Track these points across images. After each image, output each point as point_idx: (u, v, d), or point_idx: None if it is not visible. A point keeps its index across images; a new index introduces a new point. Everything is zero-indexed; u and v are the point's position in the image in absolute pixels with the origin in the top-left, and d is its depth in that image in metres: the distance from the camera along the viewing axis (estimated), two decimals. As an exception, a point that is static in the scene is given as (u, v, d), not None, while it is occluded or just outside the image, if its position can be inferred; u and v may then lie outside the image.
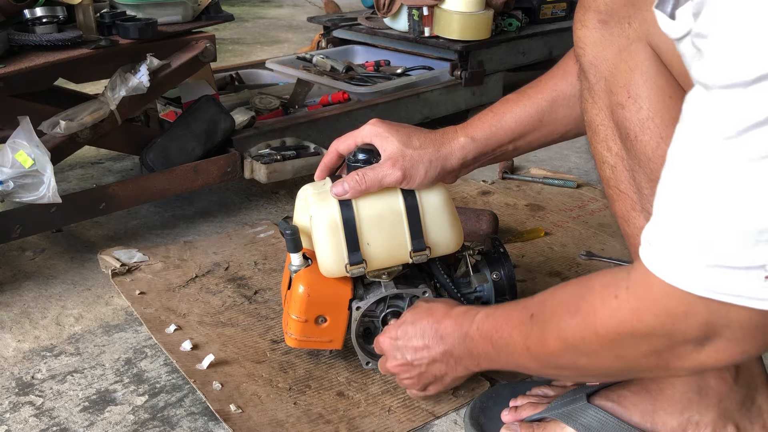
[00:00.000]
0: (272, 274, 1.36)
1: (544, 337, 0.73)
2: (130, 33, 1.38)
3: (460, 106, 2.06)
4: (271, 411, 1.01)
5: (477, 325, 0.85)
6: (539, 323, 0.75)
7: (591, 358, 0.69)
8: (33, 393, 1.05)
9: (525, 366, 0.80)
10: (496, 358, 0.83)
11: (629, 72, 0.73)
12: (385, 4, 2.09)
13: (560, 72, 0.96)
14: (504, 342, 0.80)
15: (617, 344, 0.65)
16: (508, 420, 0.94)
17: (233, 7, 4.21)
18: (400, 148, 0.95)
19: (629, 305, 0.62)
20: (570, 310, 0.70)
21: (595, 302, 0.66)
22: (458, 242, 1.02)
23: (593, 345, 0.67)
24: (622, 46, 0.74)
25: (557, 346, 0.72)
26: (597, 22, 0.75)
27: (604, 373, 0.73)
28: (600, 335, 0.66)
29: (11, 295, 1.30)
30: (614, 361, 0.67)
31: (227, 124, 1.54)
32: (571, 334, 0.70)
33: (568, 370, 0.75)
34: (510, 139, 0.97)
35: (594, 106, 0.79)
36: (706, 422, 0.82)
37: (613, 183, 0.80)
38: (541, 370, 0.80)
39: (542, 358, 0.75)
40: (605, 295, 0.65)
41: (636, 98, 0.73)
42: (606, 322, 0.65)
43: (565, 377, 0.81)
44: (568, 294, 0.73)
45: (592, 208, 1.65)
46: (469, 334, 0.86)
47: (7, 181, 1.21)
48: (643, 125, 0.73)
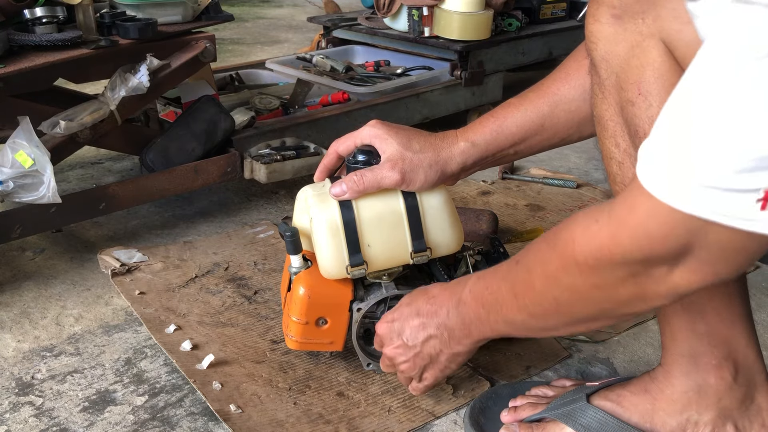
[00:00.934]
0: (272, 274, 1.36)
1: (530, 279, 0.73)
2: (130, 33, 1.38)
3: (460, 106, 2.06)
4: (271, 411, 1.01)
5: (469, 289, 0.84)
6: (524, 265, 0.75)
7: (572, 293, 0.69)
8: (33, 393, 1.05)
9: (513, 320, 0.78)
10: (486, 319, 0.81)
11: (641, 68, 0.73)
12: (385, 4, 2.09)
13: (562, 75, 0.95)
14: (493, 297, 0.79)
15: (595, 271, 0.65)
16: (507, 420, 0.94)
17: (233, 7, 4.21)
18: (400, 150, 0.94)
19: (608, 229, 0.62)
20: (551, 243, 0.70)
21: (576, 230, 0.66)
22: (459, 243, 1.02)
23: (573, 275, 0.67)
24: (634, 42, 0.73)
25: (541, 284, 0.71)
26: (610, 17, 0.75)
27: (586, 313, 0.70)
28: (579, 263, 0.65)
29: (11, 295, 1.30)
30: (593, 292, 0.67)
31: (227, 124, 1.54)
32: (553, 267, 0.69)
33: (552, 314, 0.73)
34: (511, 143, 0.97)
35: (604, 101, 0.79)
36: (705, 421, 0.82)
37: (619, 179, 0.80)
38: (528, 322, 0.77)
39: (528, 304, 0.74)
40: (586, 223, 0.65)
41: (647, 95, 0.72)
42: (584, 249, 0.65)
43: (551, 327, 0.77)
44: (551, 231, 0.72)
45: (592, 209, 1.65)
46: (462, 299, 0.85)
47: (7, 181, 1.21)
48: (653, 122, 0.71)
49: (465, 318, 0.85)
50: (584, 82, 0.93)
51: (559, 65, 0.98)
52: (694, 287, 0.61)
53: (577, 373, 1.11)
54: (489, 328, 0.82)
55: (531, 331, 0.80)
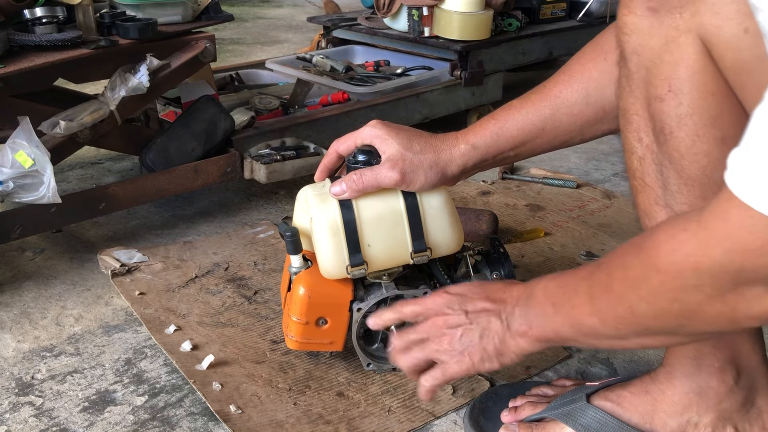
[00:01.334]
0: (272, 275, 1.36)
1: (609, 282, 0.68)
2: (130, 33, 1.38)
3: (460, 106, 2.06)
4: (271, 411, 1.01)
5: (544, 284, 0.78)
6: (606, 268, 0.70)
7: (649, 303, 0.64)
8: (33, 393, 1.05)
9: (581, 323, 0.72)
10: (551, 319, 0.75)
11: (674, 65, 0.71)
12: (384, 4, 2.09)
13: (565, 77, 0.94)
14: (567, 297, 0.74)
15: (678, 282, 0.60)
16: (507, 420, 0.94)
17: (233, 7, 4.21)
18: (400, 151, 0.94)
19: (697, 238, 0.57)
20: (636, 248, 0.65)
21: (662, 237, 0.61)
22: (459, 243, 1.02)
23: (653, 284, 0.62)
24: (670, 37, 0.71)
25: (619, 289, 0.66)
26: (646, 9, 0.73)
27: (662, 326, 0.66)
28: (661, 271, 0.61)
29: (11, 295, 1.30)
30: (673, 305, 0.61)
31: (227, 124, 1.54)
32: (633, 273, 0.64)
33: (625, 323, 0.68)
34: (511, 146, 0.96)
35: (631, 94, 0.77)
36: (706, 423, 0.82)
37: (639, 174, 0.79)
38: (598, 328, 0.71)
39: (603, 308, 0.69)
40: (673, 231, 0.60)
41: (677, 93, 0.71)
42: (668, 257, 0.60)
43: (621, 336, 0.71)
44: (638, 236, 0.67)
45: (592, 208, 1.66)
46: (533, 293, 0.79)
47: (7, 181, 1.21)
48: (680, 121, 0.71)
49: (530, 312, 0.79)
50: (588, 86, 0.92)
51: (562, 67, 0.97)
52: None
53: (577, 373, 1.11)
54: (551, 329, 0.76)
55: (597, 338, 0.73)
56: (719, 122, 0.71)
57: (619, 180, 1.84)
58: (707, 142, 0.72)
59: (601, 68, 0.92)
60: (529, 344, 0.79)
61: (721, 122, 0.71)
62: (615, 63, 0.92)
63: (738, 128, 0.72)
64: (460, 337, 0.84)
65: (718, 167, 0.72)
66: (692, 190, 0.74)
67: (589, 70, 0.92)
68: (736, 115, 0.71)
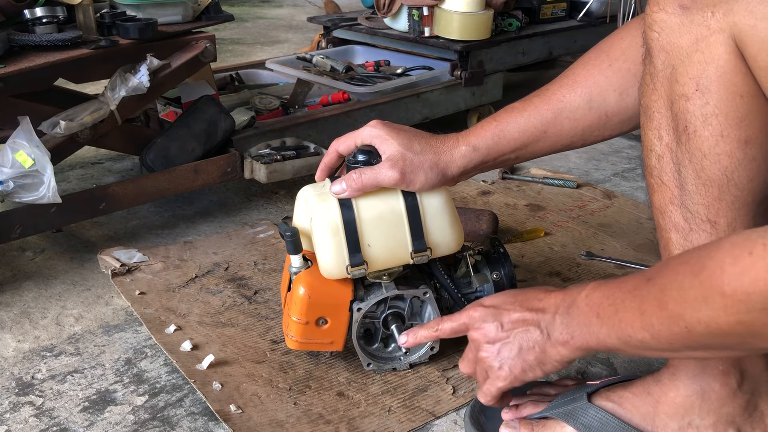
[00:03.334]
0: (272, 274, 1.36)
1: (662, 299, 0.66)
2: (130, 33, 1.38)
3: (460, 106, 2.06)
4: (271, 411, 1.01)
5: (586, 293, 0.76)
6: (658, 285, 0.67)
7: (709, 325, 0.62)
8: (33, 393, 1.05)
9: (630, 337, 0.71)
10: (597, 330, 0.74)
11: (703, 64, 0.70)
12: (385, 4, 2.09)
13: (569, 81, 0.94)
14: (613, 309, 0.72)
15: (744, 306, 0.58)
16: (508, 417, 0.94)
17: (233, 7, 4.21)
18: (401, 150, 0.94)
19: (765, 262, 0.56)
20: (694, 269, 0.63)
21: (725, 260, 0.59)
22: (459, 243, 1.02)
23: (716, 307, 0.60)
24: (700, 35, 0.70)
25: (675, 309, 0.65)
26: (677, 7, 0.72)
27: (721, 344, 0.65)
28: (726, 295, 0.59)
29: (11, 295, 1.30)
30: (735, 327, 0.60)
31: (227, 124, 1.54)
32: (692, 295, 0.63)
33: (680, 340, 0.67)
34: (512, 148, 0.96)
35: (654, 92, 0.77)
36: (707, 426, 0.82)
37: (656, 173, 0.78)
38: (648, 342, 0.70)
39: (655, 324, 0.67)
40: (737, 253, 0.58)
41: (704, 92, 0.71)
42: (734, 281, 0.58)
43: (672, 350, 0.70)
44: (693, 255, 0.65)
45: (592, 208, 1.66)
46: (576, 303, 0.77)
47: (7, 181, 1.21)
48: (705, 120, 0.71)
49: (572, 322, 0.77)
50: (591, 91, 0.92)
51: (565, 71, 0.96)
52: None
53: (577, 373, 1.11)
54: (596, 339, 0.75)
55: (647, 350, 0.72)
56: (744, 124, 0.71)
57: (619, 180, 1.84)
58: (731, 143, 0.72)
59: (605, 74, 0.92)
60: (571, 353, 0.79)
61: (747, 124, 0.71)
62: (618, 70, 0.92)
63: (763, 130, 0.72)
64: (498, 351, 0.84)
65: (739, 168, 0.72)
66: (710, 191, 0.74)
67: (593, 76, 0.92)
68: (763, 117, 0.71)
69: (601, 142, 0.97)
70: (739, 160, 0.72)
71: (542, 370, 0.82)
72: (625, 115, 0.93)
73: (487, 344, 0.85)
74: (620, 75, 0.91)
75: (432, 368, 1.10)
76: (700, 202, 0.75)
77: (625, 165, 1.94)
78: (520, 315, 0.83)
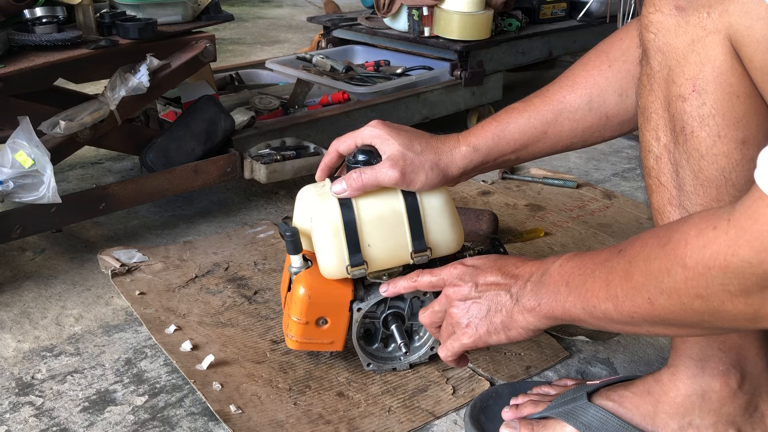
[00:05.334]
0: (272, 274, 1.36)
1: (629, 270, 0.67)
2: (130, 33, 1.38)
3: (460, 106, 2.06)
4: (271, 411, 1.01)
5: (560, 262, 0.78)
6: (627, 257, 0.69)
7: (671, 298, 0.63)
8: (33, 393, 1.05)
9: (594, 307, 0.72)
10: (564, 298, 0.75)
11: (699, 65, 0.71)
12: (385, 4, 2.09)
13: (569, 82, 0.94)
14: (582, 279, 0.73)
15: (703, 279, 0.59)
16: (508, 417, 0.94)
17: (233, 7, 4.21)
18: (401, 150, 0.94)
19: (727, 236, 0.56)
20: (661, 241, 0.64)
21: (690, 232, 0.60)
22: (459, 243, 1.02)
23: (677, 279, 0.61)
24: (696, 36, 0.71)
25: (640, 280, 0.66)
26: (673, 8, 0.72)
27: (680, 320, 0.65)
28: (687, 267, 0.60)
29: (11, 295, 1.30)
30: (695, 301, 0.61)
31: (227, 124, 1.54)
32: (656, 265, 0.64)
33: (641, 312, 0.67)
34: (512, 149, 0.96)
35: (651, 93, 0.77)
36: (707, 426, 0.82)
37: (654, 174, 0.79)
38: (611, 313, 0.70)
39: (620, 294, 0.68)
40: (702, 227, 0.59)
41: (701, 92, 0.71)
42: (696, 254, 0.59)
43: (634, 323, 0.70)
44: (663, 228, 0.66)
45: (592, 208, 1.66)
46: (548, 271, 0.79)
47: (7, 181, 1.21)
48: (702, 121, 0.71)
49: (542, 290, 0.79)
50: (591, 92, 0.92)
51: (565, 71, 0.96)
52: None
53: (577, 373, 1.11)
54: (561, 308, 0.76)
55: (608, 322, 0.73)
56: (742, 124, 0.71)
57: (619, 180, 1.84)
58: (728, 144, 0.72)
59: (605, 75, 0.92)
60: (536, 320, 0.80)
61: (744, 124, 0.71)
62: (618, 71, 0.92)
63: (760, 130, 0.72)
64: (467, 309, 0.87)
65: (737, 169, 0.72)
66: (708, 192, 0.74)
67: (593, 77, 0.92)
68: (760, 118, 0.71)
69: (602, 143, 0.97)
70: (737, 160, 0.72)
71: (506, 335, 0.84)
72: (625, 116, 0.93)
73: (459, 301, 0.87)
74: (620, 76, 0.91)
75: (432, 368, 1.10)
76: (698, 202, 0.75)
77: (625, 165, 1.94)
78: (495, 278, 0.85)
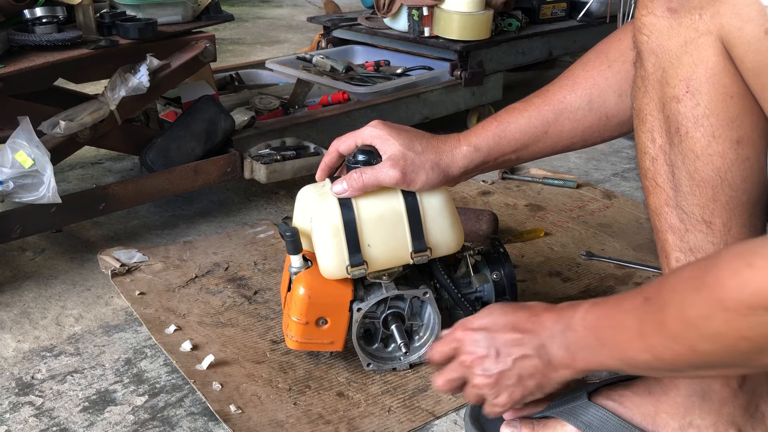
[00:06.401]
0: (272, 275, 1.36)
1: (662, 319, 0.64)
2: (130, 33, 1.38)
3: (460, 106, 2.06)
4: (271, 411, 1.01)
5: (581, 315, 0.75)
6: (656, 305, 0.66)
7: (714, 343, 0.60)
8: (33, 393, 1.05)
9: (633, 359, 0.70)
10: (598, 352, 0.73)
11: (693, 66, 0.71)
12: (385, 4, 2.09)
13: (569, 82, 0.94)
14: (613, 331, 0.71)
15: (747, 320, 0.57)
16: (509, 417, 0.94)
17: (233, 7, 4.21)
18: (402, 150, 0.94)
19: (765, 272, 0.54)
20: (693, 285, 0.62)
21: (724, 274, 0.58)
22: (459, 243, 1.02)
23: (719, 323, 0.59)
24: (689, 38, 0.71)
25: (677, 328, 0.63)
26: (666, 10, 0.73)
27: (727, 362, 0.63)
28: (728, 310, 0.57)
29: (11, 295, 1.30)
30: (741, 343, 0.59)
31: (227, 124, 1.54)
32: (694, 312, 0.61)
33: (684, 360, 0.65)
34: (513, 149, 0.96)
35: (646, 95, 0.77)
36: (707, 425, 0.82)
37: (650, 175, 0.79)
38: (652, 364, 0.68)
39: (657, 346, 0.66)
40: (737, 265, 0.57)
41: (695, 93, 0.71)
42: (736, 295, 0.57)
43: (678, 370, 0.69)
44: (691, 270, 0.64)
45: (592, 208, 1.65)
46: (572, 326, 0.76)
47: (7, 181, 1.21)
48: (697, 122, 0.71)
49: (572, 346, 0.76)
50: (591, 92, 0.92)
51: (564, 72, 0.96)
52: None
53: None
54: (598, 361, 0.74)
55: (652, 371, 0.72)
56: (736, 124, 0.71)
57: (619, 180, 1.84)
58: (723, 144, 0.72)
59: (604, 76, 0.92)
60: (573, 374, 0.78)
61: (738, 124, 0.71)
62: (618, 71, 0.92)
63: (754, 130, 0.72)
64: (496, 381, 0.82)
65: (732, 168, 0.72)
66: (704, 192, 0.74)
67: (593, 77, 0.92)
68: (753, 118, 0.71)
69: (602, 143, 0.97)
70: (732, 160, 0.72)
71: (542, 392, 0.81)
72: (624, 116, 0.93)
73: (483, 371, 0.82)
74: (619, 76, 0.91)
75: (432, 368, 1.09)
76: (694, 203, 0.75)
77: (625, 165, 1.94)
78: (512, 337, 0.81)
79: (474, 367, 0.83)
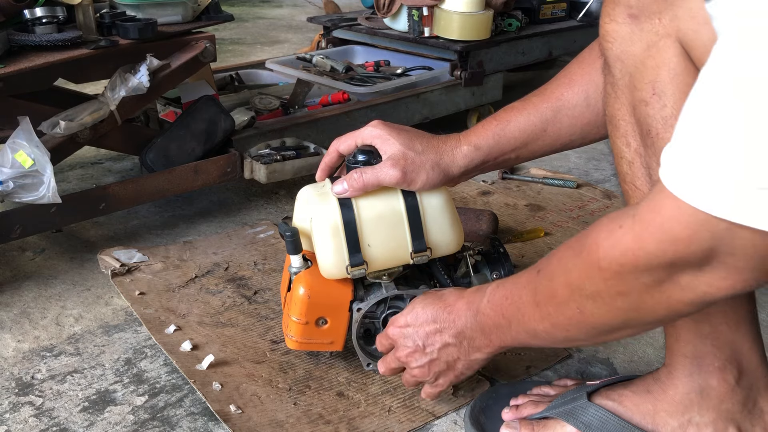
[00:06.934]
0: (272, 275, 1.36)
1: (552, 287, 0.71)
2: (130, 33, 1.38)
3: (460, 106, 2.06)
4: (271, 411, 1.01)
5: (488, 298, 0.83)
6: (547, 275, 0.73)
7: (596, 301, 0.67)
8: (33, 393, 1.05)
9: (535, 330, 0.76)
10: (507, 329, 0.81)
11: (656, 69, 0.72)
12: (385, 4, 2.09)
13: (566, 80, 0.94)
14: (515, 307, 0.78)
15: (620, 278, 0.63)
16: (508, 418, 0.94)
17: (233, 7, 4.21)
18: (402, 150, 0.94)
19: (633, 233, 0.61)
20: (575, 250, 0.68)
21: (600, 236, 0.65)
22: (459, 243, 1.02)
23: (597, 283, 0.65)
24: (650, 42, 0.72)
25: (564, 293, 0.70)
26: (627, 17, 0.74)
27: (611, 322, 0.69)
28: (603, 269, 0.64)
29: (11, 295, 1.30)
30: (618, 300, 0.65)
31: (227, 124, 1.54)
32: (576, 275, 0.68)
33: (576, 324, 0.71)
34: (513, 147, 0.97)
35: (617, 100, 0.78)
36: (707, 422, 0.82)
37: (629, 179, 0.80)
38: (552, 332, 0.75)
39: (552, 313, 0.73)
40: (610, 227, 0.63)
41: (661, 95, 0.72)
42: (608, 254, 0.63)
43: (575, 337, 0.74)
44: (575, 239, 0.70)
45: (592, 208, 1.66)
46: (481, 310, 0.84)
47: (7, 181, 1.21)
48: (666, 122, 0.72)
49: (485, 327, 0.84)
50: (588, 89, 0.93)
51: (561, 70, 0.97)
52: (722, 295, 0.59)
53: (577, 373, 1.11)
54: (510, 337, 0.82)
55: (554, 341, 0.78)
56: None
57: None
58: None
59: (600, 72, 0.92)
60: (493, 350, 0.86)
61: None
62: None
63: None
64: (428, 368, 0.92)
65: None
66: None
67: (589, 74, 0.93)
68: None
69: (600, 141, 0.97)
70: None
71: (472, 370, 0.92)
72: None
73: (416, 363, 0.93)
74: None
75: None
76: None
77: (625, 165, 1.94)
78: (435, 328, 0.90)
79: (408, 361, 0.93)
